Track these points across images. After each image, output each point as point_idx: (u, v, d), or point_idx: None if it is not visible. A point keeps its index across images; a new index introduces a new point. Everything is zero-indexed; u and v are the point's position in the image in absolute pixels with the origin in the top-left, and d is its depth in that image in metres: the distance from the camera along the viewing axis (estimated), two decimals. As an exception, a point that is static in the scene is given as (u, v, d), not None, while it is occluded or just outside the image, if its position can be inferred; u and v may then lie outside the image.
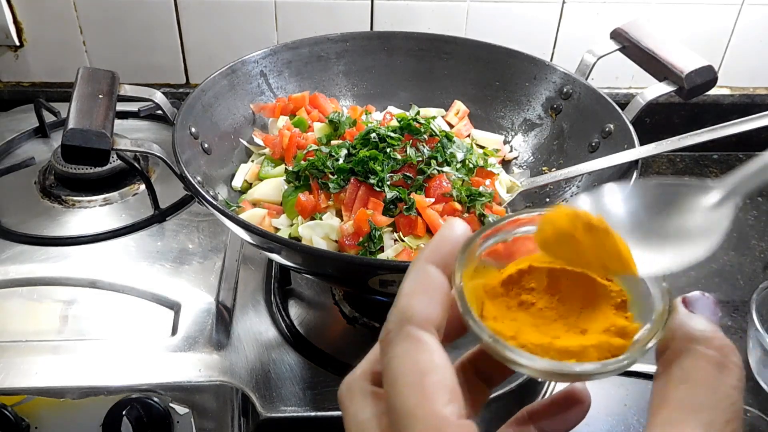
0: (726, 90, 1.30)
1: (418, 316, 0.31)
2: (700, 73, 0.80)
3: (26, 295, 0.84)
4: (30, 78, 1.26)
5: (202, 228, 0.96)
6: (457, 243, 0.34)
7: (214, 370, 0.75)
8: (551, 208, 0.33)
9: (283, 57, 0.95)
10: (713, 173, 1.26)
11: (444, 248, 0.34)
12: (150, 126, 1.17)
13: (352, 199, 0.76)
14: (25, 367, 0.74)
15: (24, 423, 0.73)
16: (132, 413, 0.71)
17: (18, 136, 1.12)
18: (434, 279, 0.33)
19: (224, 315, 0.82)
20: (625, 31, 0.88)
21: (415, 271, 0.33)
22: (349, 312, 0.84)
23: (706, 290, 0.97)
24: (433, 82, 1.01)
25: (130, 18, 1.18)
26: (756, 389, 0.81)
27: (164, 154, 0.73)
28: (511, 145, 0.97)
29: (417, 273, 0.33)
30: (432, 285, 0.32)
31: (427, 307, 0.32)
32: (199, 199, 0.70)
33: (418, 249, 0.73)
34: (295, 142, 0.87)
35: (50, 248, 0.90)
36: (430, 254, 0.33)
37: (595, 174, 0.81)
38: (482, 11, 1.19)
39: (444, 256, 0.33)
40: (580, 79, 0.89)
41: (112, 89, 0.78)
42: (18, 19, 1.19)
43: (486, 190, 0.81)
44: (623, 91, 1.28)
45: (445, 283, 0.33)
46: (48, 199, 1.00)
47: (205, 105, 0.85)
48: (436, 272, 0.33)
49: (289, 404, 0.73)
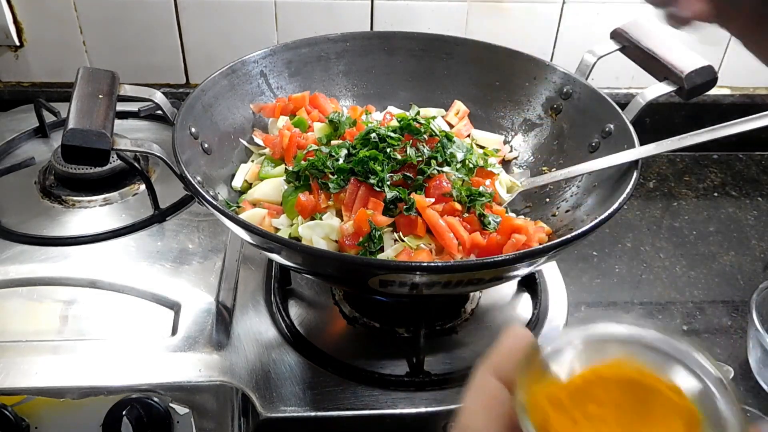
0: (726, 90, 1.30)
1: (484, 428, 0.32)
2: (700, 73, 0.80)
3: (26, 295, 0.84)
4: (30, 78, 1.26)
5: (202, 228, 0.96)
6: (519, 352, 0.34)
7: (214, 370, 0.75)
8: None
9: (283, 57, 0.95)
10: (713, 173, 1.26)
11: (505, 359, 0.34)
12: (150, 126, 1.17)
13: (352, 199, 0.76)
14: (25, 367, 0.74)
15: (24, 423, 0.73)
16: (132, 413, 0.71)
17: (18, 136, 1.12)
18: (495, 393, 0.33)
19: (224, 315, 0.82)
20: (625, 31, 0.88)
21: (476, 384, 0.34)
22: (349, 312, 0.84)
23: (706, 290, 0.97)
24: (433, 82, 1.01)
25: (130, 18, 1.18)
26: (756, 389, 0.81)
27: (164, 154, 0.73)
28: (511, 145, 0.97)
29: (478, 386, 0.34)
30: (493, 400, 0.33)
31: (488, 425, 0.32)
32: (199, 199, 0.70)
33: (418, 249, 0.73)
34: (295, 142, 0.87)
35: (50, 248, 0.90)
36: (491, 365, 0.34)
37: (595, 174, 0.81)
38: (483, 11, 1.19)
39: (505, 367, 0.34)
40: (580, 79, 0.89)
41: (112, 89, 0.78)
42: (18, 19, 1.19)
43: (486, 190, 0.81)
44: (623, 91, 1.27)
45: (506, 397, 0.33)
46: (48, 199, 1.00)
47: (205, 105, 0.85)
48: (496, 385, 0.33)
49: (289, 404, 0.72)
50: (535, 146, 0.95)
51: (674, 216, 1.14)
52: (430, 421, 0.73)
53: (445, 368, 0.77)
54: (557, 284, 0.91)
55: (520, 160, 0.95)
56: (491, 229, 0.76)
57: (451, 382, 0.76)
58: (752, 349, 0.83)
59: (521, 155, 0.95)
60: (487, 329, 0.83)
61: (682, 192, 1.20)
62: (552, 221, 0.83)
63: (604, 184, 0.79)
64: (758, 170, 1.27)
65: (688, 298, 0.95)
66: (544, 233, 0.79)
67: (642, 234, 1.09)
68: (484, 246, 0.74)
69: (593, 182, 0.82)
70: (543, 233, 0.79)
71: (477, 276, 0.63)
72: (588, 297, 0.96)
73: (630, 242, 1.07)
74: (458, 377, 0.76)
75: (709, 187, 1.22)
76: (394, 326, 0.82)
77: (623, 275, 1.00)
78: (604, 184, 0.79)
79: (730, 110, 1.29)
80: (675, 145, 0.75)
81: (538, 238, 0.77)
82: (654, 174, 1.25)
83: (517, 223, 0.75)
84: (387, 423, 0.73)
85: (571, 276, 0.98)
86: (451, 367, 0.77)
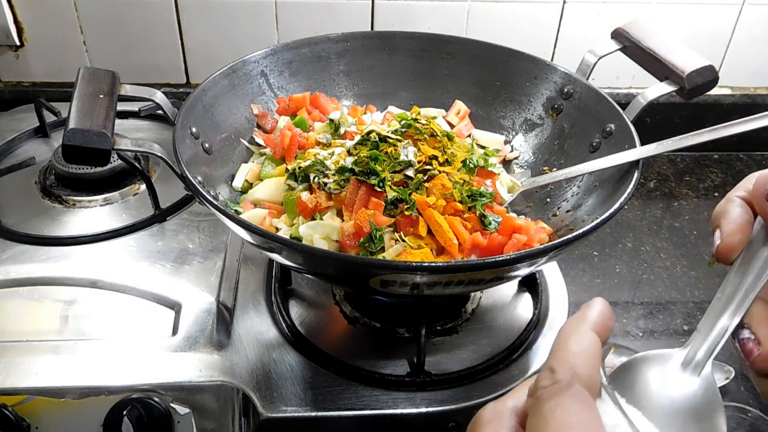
0: (727, 90, 1.30)
1: (589, 378, 0.32)
2: (701, 73, 0.80)
3: (27, 295, 0.84)
4: (30, 78, 1.26)
5: (203, 228, 0.96)
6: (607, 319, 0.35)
7: (214, 370, 0.75)
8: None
9: (284, 57, 0.95)
10: (714, 173, 1.26)
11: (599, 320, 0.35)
12: (150, 126, 1.17)
13: (352, 200, 0.76)
14: (26, 367, 0.74)
15: (24, 423, 0.73)
16: (133, 413, 0.71)
17: (18, 135, 1.12)
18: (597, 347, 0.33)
19: (225, 315, 0.82)
20: (626, 31, 0.88)
21: (581, 333, 0.34)
22: (349, 312, 0.84)
23: (707, 290, 0.97)
24: (433, 82, 1.01)
25: (130, 18, 1.18)
26: (756, 389, 0.81)
27: (165, 154, 0.73)
28: (511, 145, 0.96)
29: (583, 335, 0.34)
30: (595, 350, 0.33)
31: (595, 373, 0.32)
32: (199, 199, 0.70)
33: (418, 249, 0.73)
34: (296, 142, 0.87)
35: (51, 248, 0.90)
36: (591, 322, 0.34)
37: (595, 174, 0.81)
38: (483, 11, 1.19)
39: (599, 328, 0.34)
40: (581, 79, 0.89)
41: (113, 89, 0.78)
42: (18, 19, 1.19)
43: (487, 190, 0.81)
44: (624, 91, 1.28)
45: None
46: (48, 199, 1.00)
47: (205, 105, 0.85)
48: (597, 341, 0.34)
49: (289, 404, 0.72)
50: (535, 146, 0.95)
51: (675, 216, 1.14)
52: (431, 421, 0.73)
53: (446, 368, 0.77)
54: (558, 284, 0.91)
55: (521, 160, 0.95)
56: (492, 229, 0.76)
57: (452, 382, 0.76)
58: (753, 349, 0.82)
59: (522, 155, 0.95)
60: (487, 329, 0.83)
61: (683, 192, 1.20)
62: (553, 221, 0.83)
63: (605, 184, 0.79)
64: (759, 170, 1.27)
65: (689, 298, 0.95)
66: (545, 233, 0.79)
67: (643, 234, 1.09)
68: (485, 246, 0.74)
69: (594, 182, 0.82)
70: (544, 233, 0.79)
71: (478, 276, 0.63)
72: (589, 297, 0.95)
73: (631, 242, 1.07)
74: (459, 377, 0.76)
75: (709, 187, 1.22)
76: (395, 326, 0.82)
77: (624, 275, 1.00)
78: (604, 184, 0.79)
79: (731, 110, 1.29)
80: (676, 145, 0.75)
81: (539, 238, 0.77)
82: (655, 174, 1.25)
83: (517, 223, 0.75)
84: (388, 423, 0.73)
85: (572, 276, 0.99)
86: (452, 367, 0.77)
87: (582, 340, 0.33)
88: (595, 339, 0.34)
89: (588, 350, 0.33)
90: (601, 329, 0.34)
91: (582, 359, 0.33)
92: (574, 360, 0.32)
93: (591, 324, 0.34)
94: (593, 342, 0.33)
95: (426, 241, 0.75)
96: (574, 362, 0.32)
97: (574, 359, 0.32)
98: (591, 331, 0.34)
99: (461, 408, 0.74)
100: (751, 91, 1.30)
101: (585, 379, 0.32)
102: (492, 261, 0.62)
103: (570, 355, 0.33)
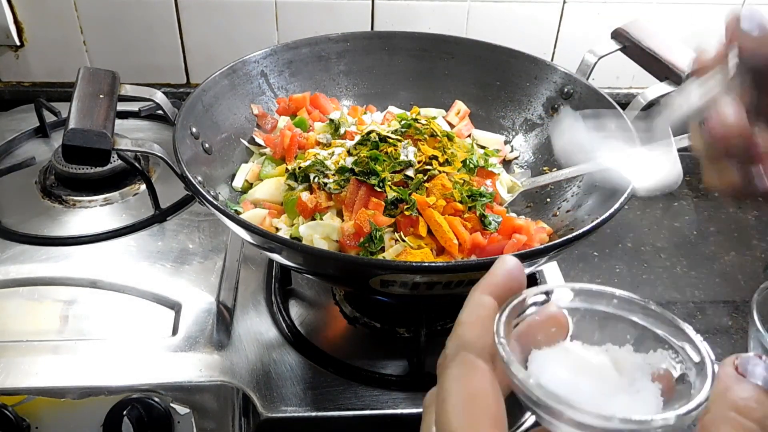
0: (727, 90, 1.30)
1: (474, 343, 0.33)
2: (701, 73, 0.80)
3: (27, 295, 0.84)
4: (30, 78, 1.26)
5: (203, 228, 0.96)
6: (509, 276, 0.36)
7: (214, 370, 0.75)
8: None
9: (284, 57, 0.95)
10: (714, 173, 1.25)
11: (498, 281, 0.36)
12: (151, 126, 1.17)
13: (352, 200, 0.76)
14: (26, 367, 0.74)
15: (24, 423, 0.73)
16: (133, 413, 0.71)
17: (18, 136, 1.12)
18: (489, 309, 0.35)
19: (225, 315, 0.82)
20: (626, 31, 0.88)
21: (472, 301, 0.36)
22: (349, 312, 0.84)
23: (707, 290, 0.97)
24: (433, 82, 1.01)
25: (130, 18, 1.18)
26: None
27: (165, 154, 0.73)
28: (511, 145, 0.97)
29: (473, 303, 0.35)
30: (487, 315, 0.34)
31: (483, 335, 0.34)
32: (199, 199, 0.70)
33: (418, 249, 0.73)
34: (296, 142, 0.87)
35: (51, 248, 0.90)
36: (486, 286, 0.36)
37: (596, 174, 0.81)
38: (483, 11, 1.19)
39: (498, 289, 0.36)
40: (581, 79, 0.89)
41: (113, 89, 0.78)
42: (18, 19, 1.19)
43: (487, 190, 0.81)
44: (624, 91, 1.28)
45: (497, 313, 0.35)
46: (48, 199, 1.00)
47: (205, 105, 0.85)
48: (491, 302, 0.35)
49: (289, 404, 0.72)
50: (535, 146, 0.95)
51: (675, 216, 1.14)
52: (431, 421, 0.73)
53: (446, 368, 0.77)
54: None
55: (521, 160, 0.95)
56: (492, 229, 0.76)
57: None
58: (753, 349, 0.83)
59: (522, 155, 0.95)
60: (487, 329, 0.83)
61: (683, 192, 1.20)
62: (553, 221, 0.83)
63: (605, 184, 0.79)
64: (759, 170, 1.27)
65: (689, 298, 0.95)
66: (545, 233, 0.79)
67: (642, 234, 1.09)
68: (485, 246, 0.74)
69: (594, 182, 0.82)
70: (544, 233, 0.79)
71: (478, 276, 0.63)
72: (589, 297, 0.96)
73: (630, 242, 1.07)
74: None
75: (709, 187, 1.22)
76: (395, 326, 0.82)
77: (624, 275, 1.00)
78: (605, 184, 0.79)
79: (731, 110, 1.29)
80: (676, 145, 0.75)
81: (539, 238, 0.77)
82: (655, 174, 1.25)
83: (518, 223, 0.75)
84: (388, 423, 0.73)
85: (572, 276, 0.98)
86: (451, 367, 0.77)
87: (472, 307, 0.35)
88: (486, 302, 0.35)
89: (476, 317, 0.34)
90: (503, 288, 0.36)
91: (468, 327, 0.34)
92: (460, 330, 0.34)
93: (484, 287, 0.36)
94: (483, 307, 0.35)
95: (426, 241, 0.75)
96: (460, 332, 0.34)
97: (461, 329, 0.34)
98: (484, 295, 0.35)
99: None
100: (751, 91, 1.30)
101: (472, 345, 0.33)
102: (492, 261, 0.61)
103: (458, 327, 0.35)
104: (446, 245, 0.73)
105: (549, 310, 0.36)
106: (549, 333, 0.36)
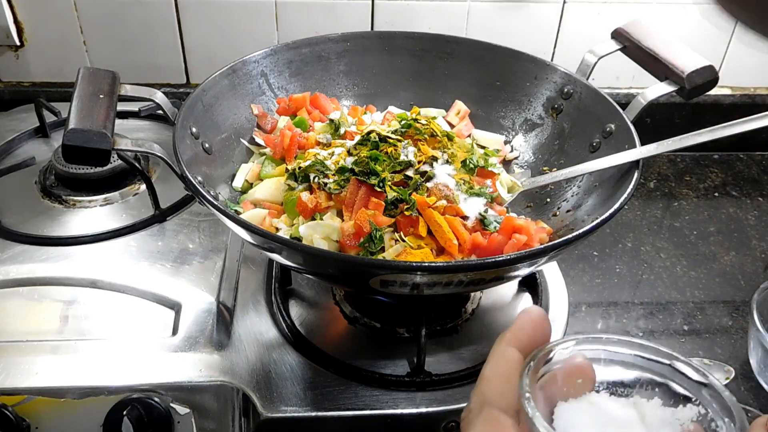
0: (727, 90, 1.30)
1: (498, 399, 0.33)
2: (700, 73, 0.80)
3: (27, 295, 0.84)
4: (30, 78, 1.26)
5: (203, 228, 0.96)
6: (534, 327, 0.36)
7: (214, 370, 0.75)
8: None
9: (284, 57, 0.95)
10: (714, 173, 1.26)
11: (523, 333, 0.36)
12: (151, 126, 1.17)
13: (352, 200, 0.76)
14: (26, 367, 0.74)
15: (24, 423, 0.73)
16: (133, 413, 0.71)
17: (18, 135, 1.12)
18: (513, 362, 0.34)
19: (225, 315, 0.82)
20: (626, 31, 0.88)
21: (496, 354, 0.35)
22: (349, 312, 0.84)
23: (707, 290, 0.97)
24: (433, 82, 1.01)
25: (130, 18, 1.18)
26: (757, 389, 0.81)
27: (165, 154, 0.73)
28: (512, 145, 0.96)
29: (497, 356, 0.35)
30: (512, 369, 0.34)
31: (507, 391, 0.33)
32: (199, 200, 0.70)
33: (418, 249, 0.73)
34: (296, 142, 0.87)
35: (51, 248, 0.90)
36: (511, 338, 0.35)
37: (596, 174, 0.81)
38: (483, 11, 1.19)
39: (522, 340, 0.35)
40: (581, 79, 0.89)
41: (113, 89, 0.78)
42: (18, 19, 1.19)
43: (487, 190, 0.81)
44: (624, 91, 1.27)
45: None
46: (48, 199, 1.00)
47: (205, 105, 0.85)
48: (515, 355, 0.35)
49: (289, 404, 0.72)
50: (535, 146, 0.95)
51: (675, 216, 1.14)
52: (431, 421, 0.73)
53: (446, 368, 0.77)
54: (558, 284, 0.91)
55: (521, 160, 0.95)
56: (492, 229, 0.76)
57: (452, 382, 0.76)
58: (753, 349, 0.83)
59: (522, 155, 0.95)
60: (487, 329, 0.83)
61: (683, 192, 1.20)
62: (553, 221, 0.83)
63: (605, 184, 0.79)
64: (759, 170, 1.27)
65: (689, 298, 0.95)
66: (545, 233, 0.79)
67: (642, 234, 1.09)
68: (485, 246, 0.74)
69: (594, 182, 0.82)
70: (544, 233, 0.79)
71: (478, 276, 0.63)
72: (588, 297, 0.96)
73: (630, 242, 1.07)
74: (459, 377, 0.76)
75: (709, 187, 1.22)
76: (395, 326, 0.82)
77: (624, 275, 1.00)
78: (605, 184, 0.79)
79: (731, 110, 1.29)
80: (676, 145, 0.75)
81: (539, 238, 0.77)
82: (655, 174, 1.25)
83: (518, 223, 0.75)
84: (388, 423, 0.73)
85: (572, 276, 0.99)
86: (452, 367, 0.77)
87: (497, 361, 0.35)
88: (511, 356, 0.35)
89: (500, 371, 0.34)
90: (527, 340, 0.35)
91: (492, 383, 0.34)
92: (484, 386, 0.34)
93: (509, 340, 0.35)
94: (507, 361, 0.34)
95: (426, 241, 0.75)
96: (484, 388, 0.34)
97: (485, 385, 0.34)
98: (508, 347, 0.35)
99: (461, 408, 0.73)
100: (751, 91, 1.30)
101: (496, 400, 0.33)
102: (492, 261, 0.62)
103: (482, 382, 0.35)
104: (446, 245, 0.73)
105: (575, 361, 0.35)
106: (575, 384, 0.35)
